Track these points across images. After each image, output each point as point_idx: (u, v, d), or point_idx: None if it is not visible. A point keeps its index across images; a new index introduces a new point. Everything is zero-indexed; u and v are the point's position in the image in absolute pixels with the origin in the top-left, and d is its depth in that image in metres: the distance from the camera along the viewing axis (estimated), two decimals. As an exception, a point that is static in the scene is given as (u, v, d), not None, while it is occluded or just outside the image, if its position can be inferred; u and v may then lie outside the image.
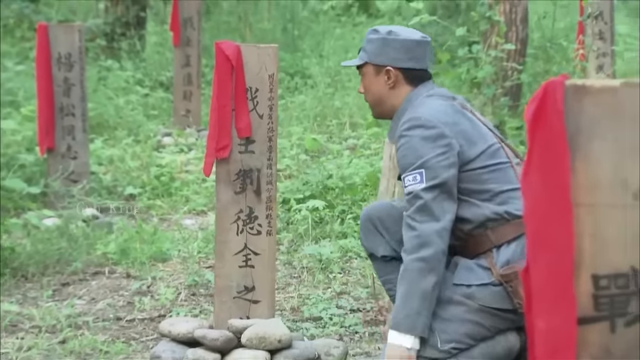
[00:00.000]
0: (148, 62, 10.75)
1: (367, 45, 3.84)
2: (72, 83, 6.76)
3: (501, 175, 3.70)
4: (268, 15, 13.02)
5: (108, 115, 8.84)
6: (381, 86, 3.82)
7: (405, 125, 3.66)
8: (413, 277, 3.55)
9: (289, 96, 9.97)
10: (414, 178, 3.60)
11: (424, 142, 3.61)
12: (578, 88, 1.71)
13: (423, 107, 3.70)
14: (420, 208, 3.57)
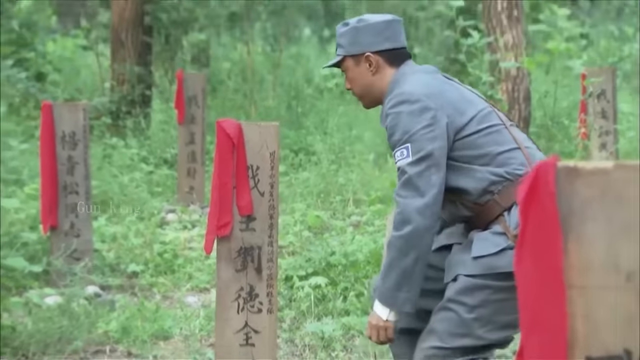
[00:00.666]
0: (153, 139, 10.80)
1: (340, 40, 3.87)
2: (76, 161, 6.77)
3: (497, 137, 3.71)
4: (273, 93, 13.12)
5: (112, 193, 8.85)
6: (364, 75, 3.83)
7: (390, 102, 3.68)
8: (394, 253, 3.62)
9: (293, 173, 9.99)
10: (401, 153, 3.63)
11: (408, 117, 3.63)
12: (570, 170, 1.71)
13: (406, 83, 3.72)
14: (405, 183, 3.60)
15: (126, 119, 11.03)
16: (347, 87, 3.95)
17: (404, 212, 3.58)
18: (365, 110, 12.32)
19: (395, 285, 3.60)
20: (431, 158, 3.59)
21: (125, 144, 10.43)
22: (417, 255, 3.58)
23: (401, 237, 3.58)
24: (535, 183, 1.73)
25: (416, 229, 3.56)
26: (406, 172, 3.58)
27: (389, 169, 9.70)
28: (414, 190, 3.58)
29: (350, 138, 11.03)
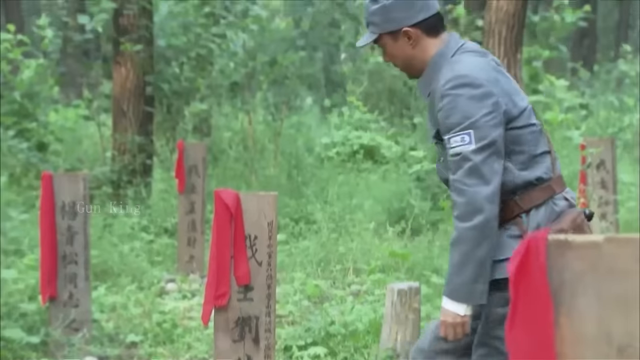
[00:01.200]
0: (154, 208, 10.82)
1: (372, 18, 3.81)
2: (76, 231, 6.77)
3: (537, 137, 3.71)
4: (274, 162, 13.16)
5: (112, 262, 8.85)
6: (404, 49, 3.79)
7: (450, 83, 3.61)
8: (467, 245, 3.53)
9: (294, 242, 9.99)
10: (462, 139, 3.56)
11: (470, 102, 3.57)
12: (561, 243, 1.72)
13: (463, 63, 3.67)
14: (470, 170, 3.54)
15: (127, 188, 11.05)
16: (386, 60, 3.92)
17: (473, 201, 3.52)
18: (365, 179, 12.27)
19: (473, 278, 3.54)
20: (494, 145, 3.56)
21: (126, 213, 10.44)
22: (489, 244, 3.54)
23: (474, 227, 3.52)
24: (526, 255, 1.74)
25: (487, 217, 3.52)
26: (470, 160, 3.53)
27: (389, 238, 9.69)
28: (480, 178, 3.53)
29: (351, 207, 11.04)
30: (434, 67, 3.75)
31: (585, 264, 1.71)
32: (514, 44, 8.99)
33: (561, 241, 1.71)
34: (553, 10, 15.09)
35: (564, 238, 1.71)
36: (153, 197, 11.29)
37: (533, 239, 1.73)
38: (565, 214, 3.68)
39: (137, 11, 11.36)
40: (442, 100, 3.62)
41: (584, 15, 15.08)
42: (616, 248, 1.70)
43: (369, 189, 12.19)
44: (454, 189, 3.58)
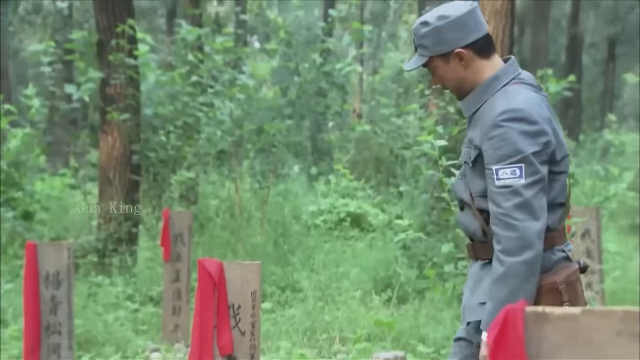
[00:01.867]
0: (139, 277, 10.78)
1: (422, 41, 3.80)
2: (59, 301, 6.73)
3: (563, 186, 3.72)
4: (261, 230, 13.14)
5: (97, 332, 8.79)
6: (456, 70, 3.81)
7: (505, 115, 3.61)
8: (517, 281, 3.52)
9: (279, 310, 9.94)
10: (513, 172, 3.56)
11: (524, 137, 3.57)
12: (538, 315, 1.72)
13: (520, 97, 3.67)
14: (521, 205, 3.53)
15: (112, 257, 11.02)
16: (435, 82, 3.93)
17: (525, 236, 3.52)
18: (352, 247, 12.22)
19: None
20: (543, 182, 3.58)
21: (111, 282, 10.40)
22: (536, 279, 3.55)
23: (524, 262, 3.51)
24: (504, 327, 1.74)
25: (537, 253, 3.52)
26: (521, 194, 3.54)
27: (375, 306, 9.67)
28: (531, 214, 3.53)
29: (337, 275, 11.02)
30: (486, 89, 3.78)
31: (563, 336, 1.70)
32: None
33: (539, 313, 1.71)
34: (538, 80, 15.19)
35: (541, 310, 1.71)
36: (139, 265, 11.25)
37: (511, 310, 1.73)
38: (560, 267, 3.71)
39: (123, 80, 11.42)
40: (494, 129, 3.62)
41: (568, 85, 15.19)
42: (593, 320, 1.70)
43: (355, 257, 12.18)
44: (502, 223, 3.57)
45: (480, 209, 3.76)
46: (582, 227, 8.59)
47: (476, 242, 3.84)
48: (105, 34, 11.58)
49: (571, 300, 3.66)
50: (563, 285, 3.64)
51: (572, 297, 3.67)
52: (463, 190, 3.85)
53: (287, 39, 17.57)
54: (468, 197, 3.82)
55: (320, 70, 17.70)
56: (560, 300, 3.65)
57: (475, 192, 3.77)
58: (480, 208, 3.76)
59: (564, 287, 3.64)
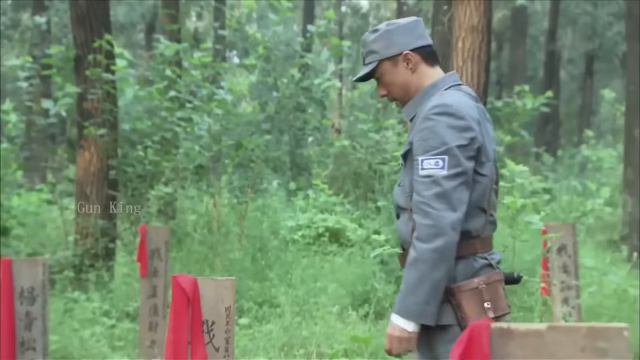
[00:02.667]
0: (116, 292, 10.74)
1: (372, 46, 3.95)
2: (34, 317, 6.70)
3: (484, 191, 3.78)
4: (239, 245, 13.12)
5: (72, 348, 8.75)
6: (403, 74, 3.93)
7: (435, 109, 3.72)
8: (425, 267, 3.59)
9: (257, 325, 9.92)
10: (436, 163, 3.64)
11: (450, 130, 3.67)
12: (503, 331, 1.72)
13: (453, 97, 3.80)
14: (439, 195, 3.61)
15: (89, 272, 10.97)
16: (382, 93, 4.01)
17: (439, 225, 3.59)
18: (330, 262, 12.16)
19: (426, 299, 3.61)
20: (465, 175, 3.66)
21: (88, 297, 10.35)
22: (447, 269, 3.62)
23: (435, 249, 3.58)
24: (469, 344, 1.73)
25: (449, 242, 3.59)
26: (441, 185, 3.62)
27: (352, 322, 9.66)
28: (448, 204, 3.60)
29: (315, 290, 11.00)
30: (425, 95, 3.92)
31: (528, 352, 1.71)
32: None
33: (504, 329, 1.71)
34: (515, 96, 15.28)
35: (506, 327, 1.71)
36: (115, 281, 11.21)
37: (476, 327, 1.73)
38: (482, 272, 3.78)
39: (101, 95, 11.40)
40: (423, 122, 3.73)
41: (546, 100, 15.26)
42: (559, 336, 1.70)
43: (333, 272, 12.17)
44: (418, 210, 3.65)
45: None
46: (558, 242, 8.61)
47: (406, 251, 3.87)
48: (82, 48, 11.56)
49: (492, 300, 3.71)
50: (483, 285, 3.71)
51: (493, 297, 3.73)
52: (400, 195, 3.92)
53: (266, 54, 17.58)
54: (403, 201, 3.87)
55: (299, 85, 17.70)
56: (481, 299, 3.70)
57: (408, 190, 3.83)
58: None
59: (484, 287, 3.71)
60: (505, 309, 3.75)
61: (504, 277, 3.86)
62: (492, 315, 3.63)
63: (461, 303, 3.67)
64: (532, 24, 37.00)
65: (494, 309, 3.69)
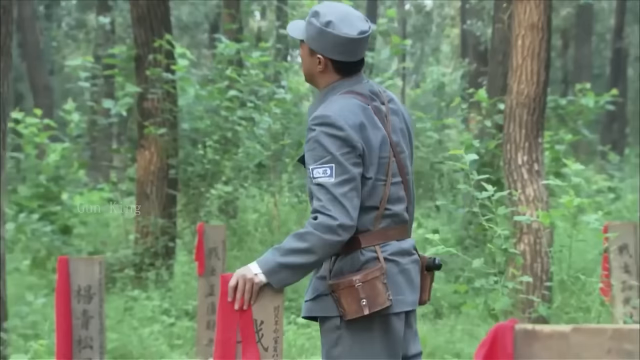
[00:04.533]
0: (175, 291, 10.80)
1: (307, 26, 4.05)
2: (91, 315, 6.75)
3: (370, 191, 3.94)
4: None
5: (131, 346, 8.81)
6: (313, 66, 4.06)
7: (316, 120, 3.89)
8: (307, 245, 3.79)
9: (314, 325, 9.87)
10: (324, 171, 3.83)
11: (331, 140, 3.84)
12: (527, 333, 1.68)
13: (335, 105, 3.93)
14: (332, 201, 3.79)
15: (149, 271, 11.04)
16: (301, 56, 4.16)
17: (334, 222, 3.77)
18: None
19: (286, 266, 3.82)
20: (354, 182, 3.85)
21: (147, 296, 10.42)
22: (320, 261, 3.86)
23: (321, 239, 3.76)
24: (493, 345, 1.70)
25: (336, 242, 3.79)
26: (331, 192, 3.80)
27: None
28: (342, 209, 3.78)
29: (374, 289, 10.95)
30: (322, 98, 4.05)
31: (553, 354, 1.67)
32: (535, 128, 8.97)
33: (528, 331, 1.68)
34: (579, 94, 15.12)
35: (531, 328, 1.68)
36: (175, 279, 11.28)
37: (500, 329, 1.69)
38: (366, 267, 3.96)
39: (161, 95, 11.47)
40: (308, 132, 3.93)
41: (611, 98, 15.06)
42: (584, 338, 1.66)
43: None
44: (317, 213, 3.82)
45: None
46: (619, 241, 8.48)
47: None
48: (142, 48, 11.65)
49: (368, 297, 3.89)
50: (360, 283, 3.88)
51: (370, 294, 3.90)
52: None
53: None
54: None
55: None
56: (358, 296, 3.89)
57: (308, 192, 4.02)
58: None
59: (360, 285, 3.88)
60: (384, 303, 3.92)
61: (425, 262, 4.12)
62: (367, 312, 3.87)
63: (340, 299, 3.90)
64: (598, 21, 36.58)
65: (370, 305, 3.88)
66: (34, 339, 8.57)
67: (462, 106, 14.54)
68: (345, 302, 3.91)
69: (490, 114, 12.39)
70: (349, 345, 4.01)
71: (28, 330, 8.74)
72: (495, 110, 12.20)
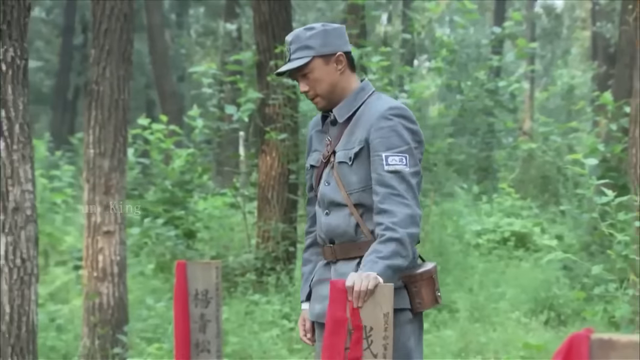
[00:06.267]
0: (295, 296, 10.83)
1: (308, 42, 4.04)
2: (208, 319, 6.82)
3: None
4: (421, 250, 13.07)
5: (251, 350, 8.89)
6: (333, 74, 4.07)
7: (393, 110, 3.97)
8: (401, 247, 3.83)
9: (434, 330, 9.84)
10: (401, 160, 3.89)
11: (408, 131, 3.94)
12: (604, 342, 1.63)
13: (395, 101, 4.08)
14: (410, 189, 3.88)
15: (270, 276, 11.12)
16: (304, 89, 4.11)
17: (415, 215, 3.86)
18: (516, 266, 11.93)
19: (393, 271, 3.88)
20: (420, 176, 3.98)
21: (268, 300, 10.49)
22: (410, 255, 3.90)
23: (411, 235, 3.86)
24: (569, 355, 1.65)
25: (416, 234, 3.90)
26: (408, 180, 3.88)
27: (532, 328, 9.46)
28: (415, 199, 3.89)
29: (495, 295, 10.83)
30: (356, 97, 4.11)
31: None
32: (661, 130, 8.73)
33: (605, 341, 1.63)
34: None
35: (607, 337, 1.62)
36: (295, 284, 11.33)
37: (576, 338, 1.64)
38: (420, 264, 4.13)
39: (282, 101, 11.54)
40: (384, 121, 3.95)
41: None
42: (663, 349, 1.60)
43: (516, 277, 11.95)
44: (391, 201, 3.86)
45: (358, 204, 4.04)
46: None
47: (342, 244, 4.14)
48: (264, 54, 11.75)
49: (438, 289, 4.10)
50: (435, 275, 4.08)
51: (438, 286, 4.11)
52: (335, 192, 4.11)
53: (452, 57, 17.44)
54: (342, 197, 4.07)
55: (483, 87, 17.50)
56: (434, 287, 4.08)
57: (356, 187, 4.04)
58: (359, 203, 4.03)
59: (435, 277, 4.08)
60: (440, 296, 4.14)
61: None
62: (440, 302, 4.11)
63: (421, 290, 4.02)
64: None
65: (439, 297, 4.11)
66: (154, 343, 8.72)
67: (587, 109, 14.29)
68: (425, 293, 4.03)
69: (616, 117, 12.12)
70: (418, 337, 4.16)
71: (149, 334, 8.89)
72: (622, 114, 11.93)
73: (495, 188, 17.88)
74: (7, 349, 5.82)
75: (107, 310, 8.51)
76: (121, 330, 8.48)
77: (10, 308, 5.82)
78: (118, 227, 8.54)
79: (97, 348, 8.39)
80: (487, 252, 13.96)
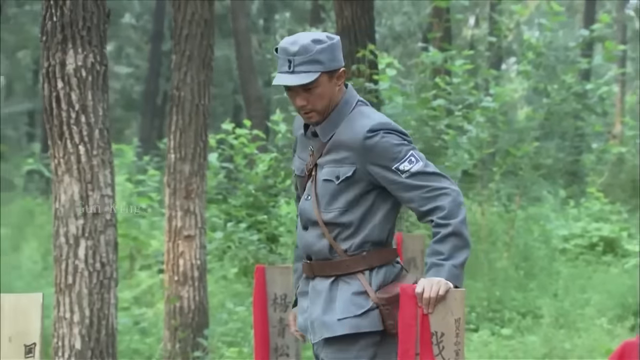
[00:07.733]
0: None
1: (318, 56, 3.86)
2: (287, 324, 6.82)
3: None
4: (506, 254, 12.92)
5: (331, 354, 8.85)
6: (333, 89, 3.94)
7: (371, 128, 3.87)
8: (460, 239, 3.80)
9: (519, 336, 9.72)
10: (410, 161, 3.85)
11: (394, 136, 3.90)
12: (656, 351, 1.57)
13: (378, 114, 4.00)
14: (436, 177, 3.85)
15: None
16: (302, 104, 3.94)
17: (456, 195, 3.83)
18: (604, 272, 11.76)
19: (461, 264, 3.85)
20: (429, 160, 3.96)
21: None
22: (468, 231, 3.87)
23: (463, 220, 3.82)
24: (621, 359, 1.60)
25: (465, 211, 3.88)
26: (430, 171, 3.86)
27: (618, 334, 9.29)
28: (447, 180, 3.87)
29: (581, 301, 10.66)
30: (340, 112, 3.96)
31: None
32: None
33: (657, 350, 1.57)
34: None
35: (660, 346, 1.56)
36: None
37: (628, 345, 1.59)
38: (403, 276, 4.10)
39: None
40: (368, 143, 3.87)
41: None
42: None
43: (604, 283, 11.75)
44: (432, 198, 3.83)
45: (336, 224, 3.95)
46: None
47: (318, 261, 4.05)
48: (347, 59, 11.72)
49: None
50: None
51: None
52: (312, 210, 4.01)
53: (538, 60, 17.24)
54: (316, 216, 3.98)
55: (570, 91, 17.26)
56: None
57: (340, 206, 3.95)
58: (338, 222, 3.95)
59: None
60: None
61: None
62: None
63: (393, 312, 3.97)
64: None
65: None
66: (234, 347, 8.76)
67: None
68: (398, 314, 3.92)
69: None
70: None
71: (229, 338, 8.92)
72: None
73: (583, 192, 17.63)
74: (87, 352, 5.89)
75: (188, 313, 8.57)
76: (201, 334, 8.53)
77: (90, 312, 5.90)
78: (198, 231, 8.61)
79: (177, 351, 8.45)
80: (574, 257, 13.77)
